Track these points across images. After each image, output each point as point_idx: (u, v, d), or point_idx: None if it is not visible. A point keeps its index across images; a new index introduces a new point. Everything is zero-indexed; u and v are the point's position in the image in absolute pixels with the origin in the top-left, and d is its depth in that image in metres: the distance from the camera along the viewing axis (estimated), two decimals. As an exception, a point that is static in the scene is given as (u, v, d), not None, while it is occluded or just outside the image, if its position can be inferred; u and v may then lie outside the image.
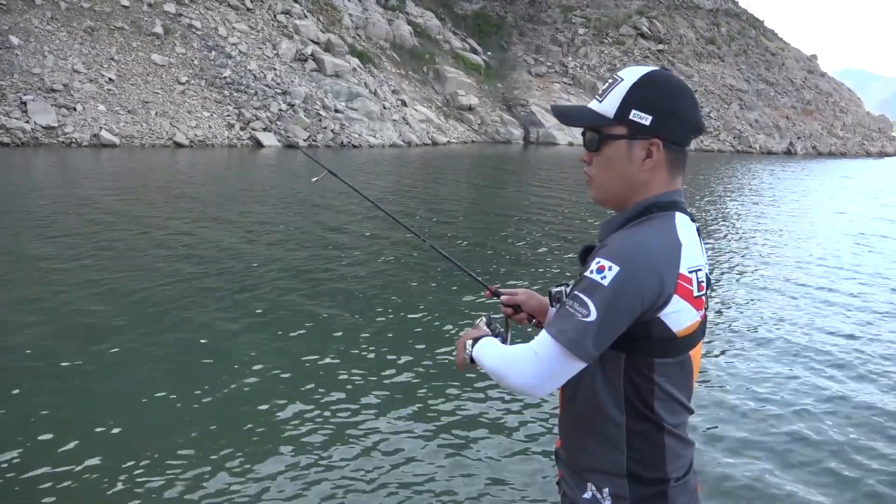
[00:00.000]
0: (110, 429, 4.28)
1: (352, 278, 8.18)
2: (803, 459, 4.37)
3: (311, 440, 4.29)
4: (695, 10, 59.95)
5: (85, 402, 4.66)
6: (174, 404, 4.65)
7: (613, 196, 1.59)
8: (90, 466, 3.85)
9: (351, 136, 32.99)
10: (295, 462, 4.03)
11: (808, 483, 4.11)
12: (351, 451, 4.17)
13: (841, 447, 4.56)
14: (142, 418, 4.45)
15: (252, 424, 4.43)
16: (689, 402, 1.58)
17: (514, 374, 1.49)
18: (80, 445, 4.07)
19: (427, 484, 3.89)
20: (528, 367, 1.46)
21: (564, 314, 1.45)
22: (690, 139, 1.57)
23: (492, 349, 1.63)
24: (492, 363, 1.58)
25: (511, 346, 1.60)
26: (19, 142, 22.72)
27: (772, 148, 51.81)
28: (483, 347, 1.65)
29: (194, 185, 16.48)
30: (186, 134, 27.29)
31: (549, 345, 1.44)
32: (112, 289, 7.21)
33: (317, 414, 4.63)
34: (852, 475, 4.22)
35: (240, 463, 3.98)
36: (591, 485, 1.57)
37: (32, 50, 26.06)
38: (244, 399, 4.80)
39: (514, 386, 1.50)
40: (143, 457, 3.96)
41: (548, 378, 1.46)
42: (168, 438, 4.21)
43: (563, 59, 53.41)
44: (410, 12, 48.83)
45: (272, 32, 35.59)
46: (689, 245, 1.50)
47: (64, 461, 3.88)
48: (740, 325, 7.15)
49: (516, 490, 3.87)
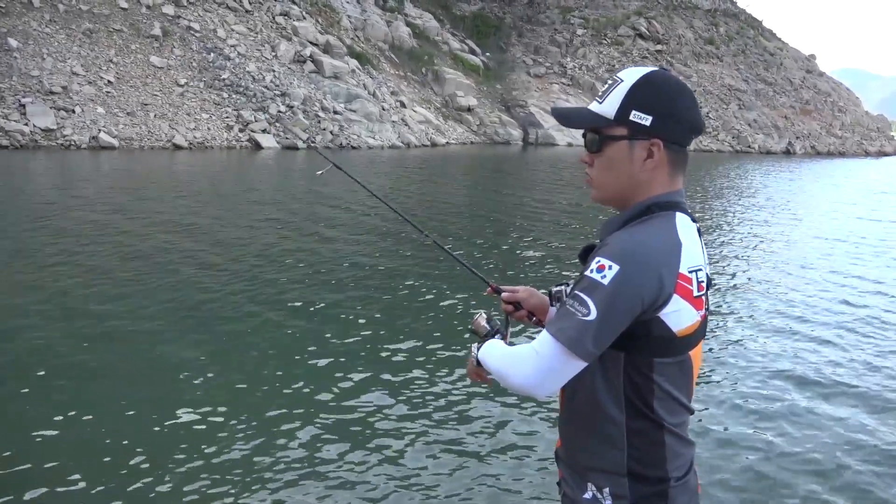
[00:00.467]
0: (107, 430, 4.28)
1: (352, 274, 8.18)
2: (803, 459, 4.37)
3: (308, 437, 4.28)
4: (693, 10, 59.99)
5: (79, 402, 4.65)
6: (171, 404, 4.65)
7: (614, 196, 1.59)
8: (86, 467, 3.85)
9: (350, 138, 32.99)
10: (293, 462, 4.02)
11: (808, 483, 4.11)
12: (349, 449, 4.16)
13: (840, 445, 4.57)
14: (140, 420, 4.45)
15: (250, 422, 4.43)
16: (689, 402, 1.58)
17: (516, 373, 1.50)
18: (77, 447, 4.07)
19: (427, 485, 3.88)
20: (529, 367, 1.46)
21: (565, 313, 1.45)
22: (691, 139, 1.57)
23: (495, 349, 1.64)
24: (495, 363, 1.60)
25: (513, 346, 1.60)
26: (18, 144, 22.71)
27: (770, 148, 51.84)
28: (487, 348, 1.67)
29: (193, 186, 16.47)
30: (185, 136, 27.29)
31: (549, 344, 1.44)
32: (110, 291, 7.21)
33: (312, 411, 4.62)
34: (852, 474, 4.22)
35: (239, 462, 3.97)
36: (591, 484, 1.57)
37: (31, 52, 26.05)
38: (242, 395, 4.80)
39: (516, 385, 1.50)
40: (137, 456, 3.96)
41: (548, 377, 1.46)
42: (164, 438, 4.21)
43: (562, 59, 53.44)
44: (409, 13, 48.85)
45: (271, 34, 35.59)
46: (690, 245, 1.50)
47: (59, 462, 3.88)
48: (739, 325, 7.16)
49: (516, 490, 3.87)
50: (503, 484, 3.93)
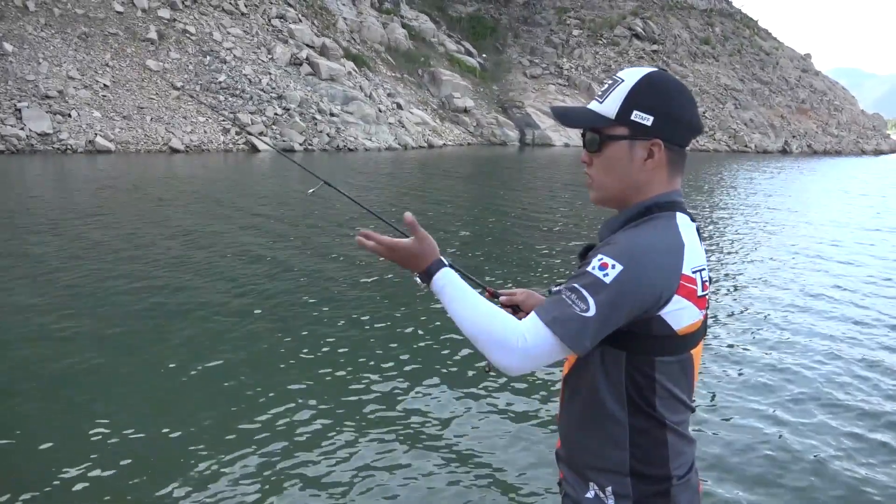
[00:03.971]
0: (104, 436, 4.27)
1: (346, 280, 8.17)
2: (805, 457, 4.37)
3: (306, 443, 4.28)
4: (689, 10, 60.12)
5: (73, 410, 4.64)
6: (167, 408, 4.65)
7: (614, 196, 1.59)
8: (84, 469, 3.85)
9: (347, 140, 33.01)
10: (291, 463, 4.02)
11: (810, 481, 4.11)
12: (348, 452, 4.16)
13: (842, 443, 4.57)
14: (137, 421, 4.44)
15: (247, 426, 4.43)
16: (690, 400, 1.58)
17: (498, 351, 1.43)
18: (74, 449, 4.06)
19: (426, 485, 3.88)
20: (515, 351, 1.42)
21: (559, 303, 1.43)
22: (690, 140, 1.57)
23: (464, 296, 1.51)
24: (470, 324, 1.48)
25: (494, 309, 1.49)
26: (14, 149, 22.70)
27: (767, 147, 51.96)
28: (456, 293, 1.53)
29: (192, 189, 16.46)
30: (182, 139, 27.28)
31: (542, 334, 1.41)
32: (108, 296, 7.21)
33: (309, 417, 4.61)
34: (854, 472, 4.22)
35: (239, 466, 3.97)
36: (593, 484, 1.56)
37: (27, 57, 26.03)
38: (240, 403, 4.79)
39: (493, 360, 1.45)
40: (136, 458, 3.96)
41: (532, 363, 1.44)
42: (161, 440, 4.20)
43: (558, 60, 53.53)
44: (405, 15, 48.91)
45: (267, 37, 35.60)
46: (692, 245, 1.50)
47: (56, 464, 3.88)
48: (738, 323, 7.16)
49: (516, 491, 3.87)
50: (503, 485, 3.93)
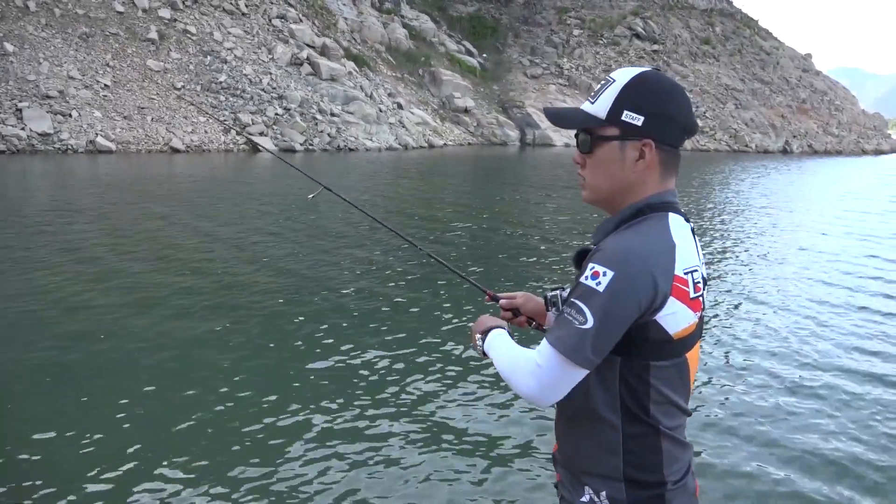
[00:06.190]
0: (104, 432, 4.26)
1: (349, 284, 8.16)
2: (804, 459, 4.36)
3: (305, 446, 4.27)
4: (689, 10, 60.11)
5: (75, 405, 4.64)
6: (165, 409, 4.64)
7: (606, 197, 1.58)
8: (83, 469, 3.84)
9: (347, 140, 33.02)
10: (289, 466, 4.01)
11: (808, 483, 4.10)
12: (347, 455, 4.15)
13: (841, 444, 4.56)
14: (135, 421, 4.44)
15: (247, 429, 4.42)
16: (686, 405, 1.56)
17: (519, 382, 1.50)
18: (73, 449, 4.05)
19: (425, 486, 3.87)
20: (531, 378, 1.46)
21: (563, 322, 1.45)
22: (683, 140, 1.56)
23: (501, 346, 1.64)
24: (500, 365, 1.60)
25: (518, 349, 1.59)
26: (15, 149, 22.71)
27: (768, 147, 51.94)
28: (493, 342, 1.67)
29: (191, 189, 16.45)
30: (182, 139, 27.29)
31: (549, 355, 1.44)
32: (107, 297, 7.20)
33: (312, 421, 4.61)
34: (854, 473, 4.21)
35: (239, 466, 3.96)
36: (588, 488, 1.56)
37: (27, 57, 26.04)
38: (239, 405, 4.78)
39: (521, 394, 1.52)
40: (136, 457, 3.95)
41: (550, 387, 1.46)
42: (158, 441, 4.20)
43: (559, 60, 53.53)
44: (405, 15, 48.93)
45: (267, 37, 35.61)
46: (684, 246, 1.48)
47: (61, 464, 3.87)
48: (736, 324, 7.15)
49: (515, 492, 3.86)
50: (501, 486, 3.92)
